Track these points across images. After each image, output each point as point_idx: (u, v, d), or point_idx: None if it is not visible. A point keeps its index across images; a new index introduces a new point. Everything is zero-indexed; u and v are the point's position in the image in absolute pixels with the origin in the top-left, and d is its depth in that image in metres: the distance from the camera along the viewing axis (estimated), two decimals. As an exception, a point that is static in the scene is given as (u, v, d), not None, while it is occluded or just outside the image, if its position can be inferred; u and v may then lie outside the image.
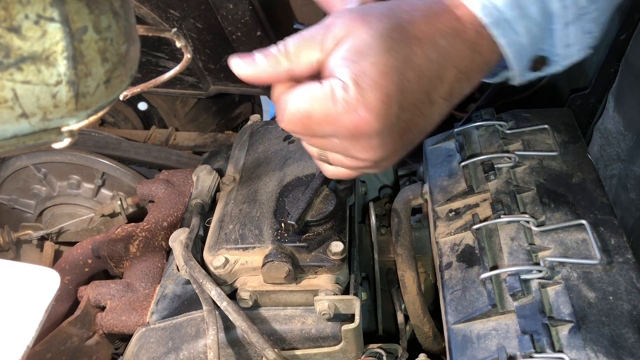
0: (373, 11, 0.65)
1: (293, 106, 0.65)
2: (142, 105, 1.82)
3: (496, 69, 0.74)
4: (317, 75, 0.66)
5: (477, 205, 0.88)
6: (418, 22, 0.65)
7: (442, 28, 0.65)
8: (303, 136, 0.69)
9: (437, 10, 0.66)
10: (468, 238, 0.84)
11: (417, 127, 0.68)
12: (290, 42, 0.66)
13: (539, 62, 0.74)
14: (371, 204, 1.04)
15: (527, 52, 0.70)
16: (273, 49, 0.66)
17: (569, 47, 0.72)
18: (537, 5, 0.68)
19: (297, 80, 0.67)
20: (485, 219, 0.83)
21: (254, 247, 0.82)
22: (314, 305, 0.80)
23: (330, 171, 0.75)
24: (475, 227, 0.83)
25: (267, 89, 1.55)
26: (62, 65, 0.43)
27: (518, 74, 0.72)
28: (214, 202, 1.00)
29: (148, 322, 0.90)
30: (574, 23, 0.70)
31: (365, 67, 0.62)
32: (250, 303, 0.82)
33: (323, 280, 0.81)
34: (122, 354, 0.92)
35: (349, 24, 0.64)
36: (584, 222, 0.78)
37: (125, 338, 0.97)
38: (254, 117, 1.15)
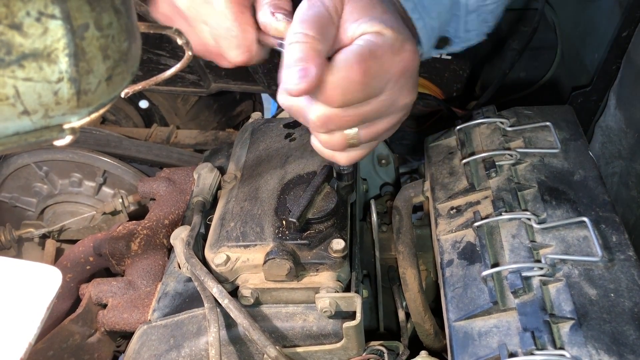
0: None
1: (346, 70, 0.64)
2: (143, 103, 1.82)
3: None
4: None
5: (478, 202, 0.88)
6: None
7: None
8: (350, 110, 0.68)
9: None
10: (469, 235, 0.84)
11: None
12: (310, 27, 0.65)
13: (442, 41, 0.86)
14: (372, 202, 1.05)
15: (435, 33, 0.82)
16: (306, 47, 0.65)
17: (469, 32, 0.86)
18: None
19: None
20: (487, 217, 0.83)
21: (256, 245, 0.82)
22: (315, 303, 0.80)
23: (349, 157, 0.75)
24: (476, 224, 0.83)
25: (268, 87, 1.55)
26: (63, 63, 0.43)
27: (425, 51, 0.82)
28: (215, 199, 1.00)
29: (149, 320, 0.90)
30: (474, 12, 0.84)
31: (380, 14, 0.68)
32: (252, 300, 0.82)
33: (324, 278, 0.81)
34: (123, 352, 0.92)
35: None
36: (585, 219, 0.78)
37: (127, 335, 0.97)
38: (255, 115, 1.15)
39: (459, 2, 0.82)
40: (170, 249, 1.05)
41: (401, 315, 0.99)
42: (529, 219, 0.80)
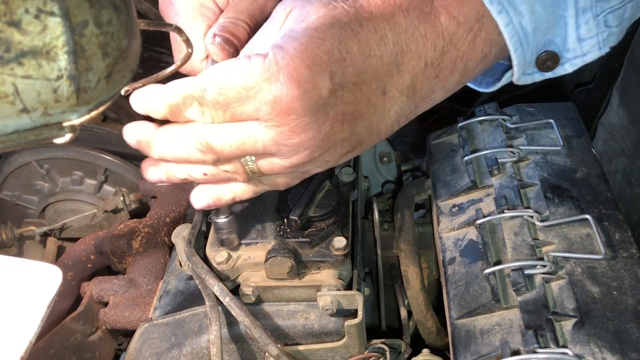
0: None
1: (209, 79, 0.56)
2: (145, 101, 1.81)
3: (496, 70, 0.64)
4: None
5: (480, 200, 0.87)
6: None
7: (404, 6, 0.55)
8: (221, 133, 0.58)
9: None
10: (471, 233, 0.84)
11: (364, 119, 0.58)
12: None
13: (549, 59, 0.62)
14: (374, 199, 1.04)
15: (531, 41, 0.59)
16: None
17: (582, 41, 0.61)
18: None
19: None
20: (489, 214, 0.83)
21: (257, 243, 0.82)
22: (316, 301, 0.80)
23: (266, 184, 0.66)
24: (478, 222, 0.82)
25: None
26: (62, 60, 0.42)
27: (518, 70, 0.61)
28: (216, 197, 1.00)
29: (151, 318, 0.90)
30: (589, 11, 0.59)
31: (294, 32, 0.54)
32: (253, 298, 0.82)
33: (326, 276, 0.81)
34: (125, 350, 0.92)
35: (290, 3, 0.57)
36: (588, 216, 0.77)
37: (128, 334, 0.97)
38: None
39: None
40: (171, 247, 1.05)
41: (403, 313, 0.99)
42: (532, 217, 0.80)
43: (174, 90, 0.57)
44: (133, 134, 0.60)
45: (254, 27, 0.65)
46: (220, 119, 0.57)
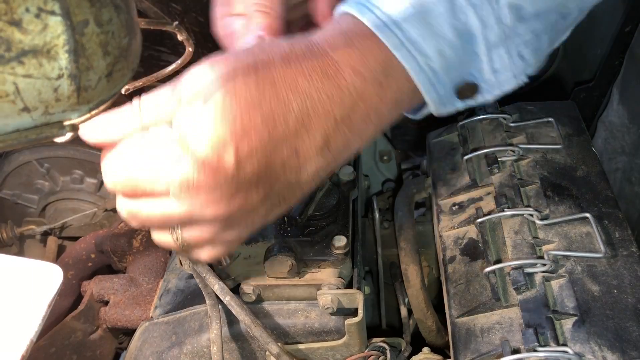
0: (230, 54, 0.58)
1: (113, 163, 0.57)
2: (145, 100, 1.81)
3: (414, 104, 0.64)
4: None
5: (480, 198, 0.87)
6: (275, 63, 0.56)
7: (307, 71, 0.56)
8: (137, 204, 0.59)
9: (302, 49, 0.58)
10: (472, 232, 0.84)
11: (281, 180, 0.59)
12: (146, 100, 0.57)
13: (468, 89, 0.63)
14: (374, 198, 1.04)
15: (443, 79, 0.60)
16: (126, 107, 0.57)
17: (497, 73, 0.62)
18: (449, 23, 0.58)
19: None
20: (489, 213, 0.83)
21: (257, 242, 0.82)
22: (317, 300, 0.80)
23: (202, 256, 0.65)
24: (478, 220, 0.82)
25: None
26: (63, 59, 0.42)
27: (434, 105, 0.62)
28: (216, 196, 1.00)
29: (151, 317, 0.90)
30: (500, 46, 0.60)
31: (196, 110, 0.54)
32: (254, 297, 0.82)
33: (326, 274, 0.81)
34: (125, 349, 0.92)
35: (198, 70, 0.57)
36: (588, 215, 0.77)
37: (129, 332, 0.97)
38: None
39: (473, 35, 0.59)
40: (171, 246, 1.05)
41: (403, 311, 0.99)
42: (532, 215, 0.80)
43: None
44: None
45: None
46: (135, 195, 0.59)
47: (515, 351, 0.66)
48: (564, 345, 0.65)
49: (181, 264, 0.88)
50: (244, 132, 0.54)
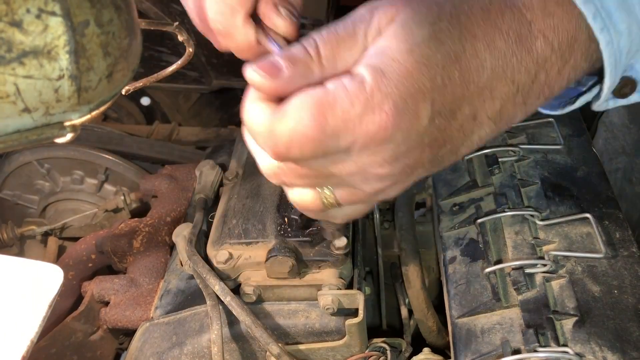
0: None
1: (296, 119, 0.50)
2: (145, 100, 1.82)
3: (572, 93, 0.62)
4: None
5: (481, 199, 0.87)
6: (476, 15, 0.53)
7: (504, 28, 0.53)
8: (304, 169, 0.55)
9: (501, 5, 0.53)
10: (472, 232, 0.84)
11: (450, 144, 0.56)
12: (323, 45, 0.52)
13: (626, 85, 0.60)
14: (375, 198, 1.04)
15: (622, 61, 0.56)
16: (299, 51, 0.52)
17: None
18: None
19: None
20: (490, 213, 0.83)
21: (258, 242, 0.82)
22: (317, 300, 0.80)
23: (342, 215, 0.61)
24: (479, 221, 0.82)
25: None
26: (64, 60, 0.43)
27: (606, 94, 0.59)
28: (217, 197, 1.00)
29: (152, 317, 0.90)
30: None
31: (397, 53, 0.50)
32: (254, 298, 0.82)
33: (327, 275, 0.81)
34: (126, 349, 0.92)
35: (392, 10, 0.52)
36: (588, 215, 0.77)
37: (129, 333, 0.97)
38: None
39: None
40: (172, 247, 1.05)
41: (404, 312, 0.99)
42: (532, 216, 0.80)
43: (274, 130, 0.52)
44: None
45: None
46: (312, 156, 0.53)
47: (516, 351, 0.66)
48: (565, 345, 0.65)
49: (181, 265, 0.88)
50: (442, 85, 0.51)
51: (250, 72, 0.51)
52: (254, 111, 0.53)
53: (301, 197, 0.59)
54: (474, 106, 0.54)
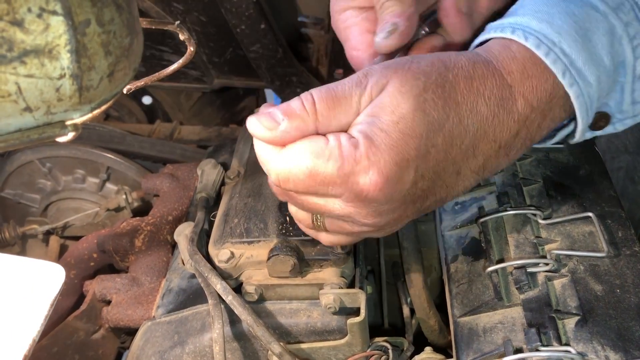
0: (412, 66, 0.58)
1: (294, 162, 0.56)
2: (147, 99, 1.82)
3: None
4: None
5: (483, 198, 0.87)
6: (460, 84, 0.57)
7: (487, 94, 0.58)
8: (299, 197, 0.61)
9: (483, 72, 0.58)
10: (474, 231, 0.84)
11: (435, 196, 0.61)
12: (320, 102, 0.57)
13: (601, 119, 0.66)
14: (376, 197, 1.04)
15: (593, 106, 0.62)
16: (297, 106, 0.57)
17: (636, 104, 0.64)
18: (608, 53, 0.60)
19: None
20: (491, 212, 0.83)
21: (259, 241, 0.82)
22: (319, 299, 0.80)
23: (327, 239, 0.69)
24: (481, 220, 0.82)
25: (271, 82, 1.55)
26: (65, 59, 0.42)
27: (580, 132, 0.64)
28: (218, 196, 1.00)
29: (154, 316, 0.90)
30: None
31: (385, 124, 0.55)
32: (256, 297, 0.82)
33: (328, 274, 0.81)
34: (128, 348, 0.92)
35: (383, 80, 0.57)
36: (590, 214, 0.77)
37: (131, 332, 0.97)
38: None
39: (624, 64, 0.61)
40: (174, 245, 1.05)
41: (405, 311, 0.99)
42: (534, 215, 0.80)
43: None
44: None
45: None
46: (304, 192, 0.59)
47: (518, 351, 0.66)
48: (567, 344, 0.65)
49: (183, 264, 0.88)
50: (426, 152, 0.56)
51: (251, 123, 0.57)
52: (260, 144, 0.59)
53: (296, 212, 0.66)
54: (457, 165, 0.59)
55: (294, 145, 0.57)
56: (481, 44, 0.65)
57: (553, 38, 0.59)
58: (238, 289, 0.83)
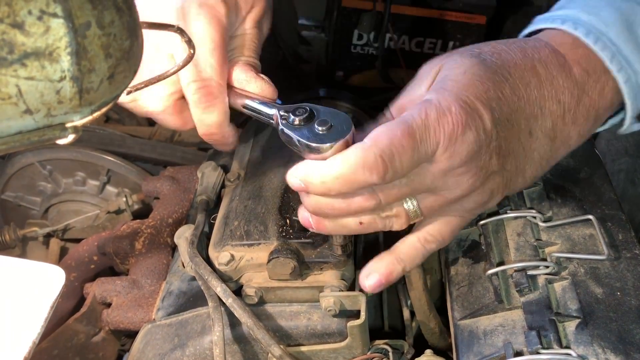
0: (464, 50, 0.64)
1: (390, 134, 0.57)
2: (147, 102, 1.81)
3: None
4: None
5: (483, 200, 0.87)
6: (515, 51, 0.63)
7: (542, 59, 0.63)
8: (395, 185, 0.61)
9: (535, 44, 0.64)
10: (474, 234, 0.84)
11: (513, 157, 0.63)
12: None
13: None
14: (377, 200, 1.04)
15: (639, 95, 0.66)
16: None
17: None
18: None
19: None
20: (492, 215, 0.83)
21: (259, 244, 0.82)
22: (319, 302, 0.80)
23: (426, 231, 0.69)
24: (481, 222, 0.82)
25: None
26: (65, 61, 0.43)
27: (630, 121, 0.68)
28: (219, 198, 1.00)
29: (154, 319, 0.90)
30: None
31: (453, 77, 0.60)
32: (256, 299, 0.82)
33: (328, 277, 0.81)
34: (128, 351, 0.92)
35: (438, 63, 0.63)
36: (591, 217, 0.77)
37: (131, 334, 0.97)
38: (259, 113, 1.14)
39: None
40: (174, 248, 1.05)
41: (406, 314, 0.98)
42: (535, 217, 0.80)
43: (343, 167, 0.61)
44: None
45: None
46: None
47: (518, 353, 0.66)
48: (567, 347, 0.65)
49: (183, 266, 0.88)
50: (497, 96, 0.60)
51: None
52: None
53: (388, 213, 0.66)
54: (528, 121, 0.62)
55: (366, 139, 0.58)
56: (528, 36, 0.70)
57: (601, 28, 0.63)
58: (238, 291, 0.83)
